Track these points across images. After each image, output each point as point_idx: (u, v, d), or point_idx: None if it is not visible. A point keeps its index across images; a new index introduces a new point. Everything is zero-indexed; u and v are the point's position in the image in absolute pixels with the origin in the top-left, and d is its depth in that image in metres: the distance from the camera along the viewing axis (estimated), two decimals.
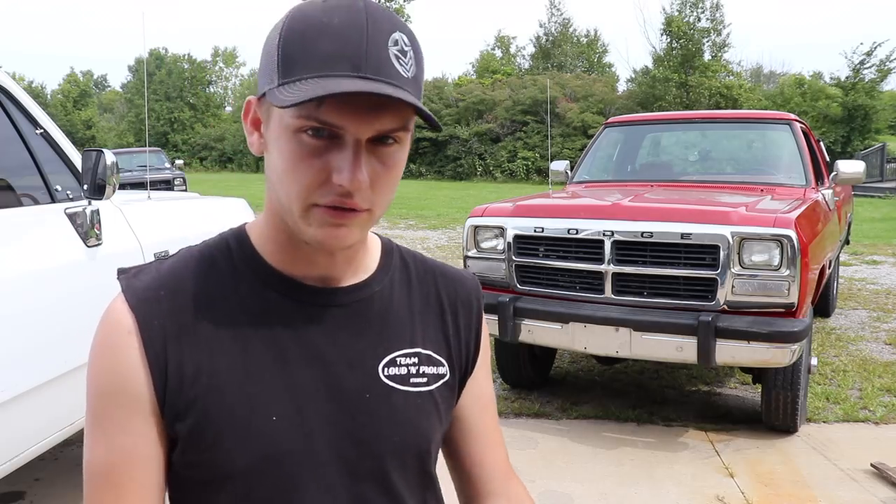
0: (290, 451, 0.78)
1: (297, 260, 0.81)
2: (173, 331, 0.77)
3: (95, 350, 0.79)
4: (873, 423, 4.04)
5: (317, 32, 0.70)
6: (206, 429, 0.76)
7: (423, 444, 0.85)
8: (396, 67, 0.71)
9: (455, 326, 0.92)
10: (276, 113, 0.73)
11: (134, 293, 0.79)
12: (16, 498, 3.15)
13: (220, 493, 0.78)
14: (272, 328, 0.80)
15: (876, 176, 22.10)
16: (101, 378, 0.77)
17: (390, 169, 0.75)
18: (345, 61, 0.69)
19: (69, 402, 2.38)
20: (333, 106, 0.69)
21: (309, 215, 0.74)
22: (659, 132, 6.25)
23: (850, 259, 9.61)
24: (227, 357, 0.77)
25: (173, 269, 0.81)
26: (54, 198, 2.48)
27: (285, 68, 0.71)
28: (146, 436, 0.77)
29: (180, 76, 55.48)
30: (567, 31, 44.59)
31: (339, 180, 0.71)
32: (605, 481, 3.31)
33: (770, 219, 3.54)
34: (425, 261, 0.94)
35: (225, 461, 0.76)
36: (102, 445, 0.77)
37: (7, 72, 2.50)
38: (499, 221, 4.10)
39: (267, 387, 0.78)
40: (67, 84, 62.57)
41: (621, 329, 3.61)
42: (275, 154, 0.75)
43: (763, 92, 34.47)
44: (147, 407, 0.76)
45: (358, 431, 0.81)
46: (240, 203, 3.92)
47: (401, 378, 0.84)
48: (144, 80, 33.19)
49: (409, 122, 0.74)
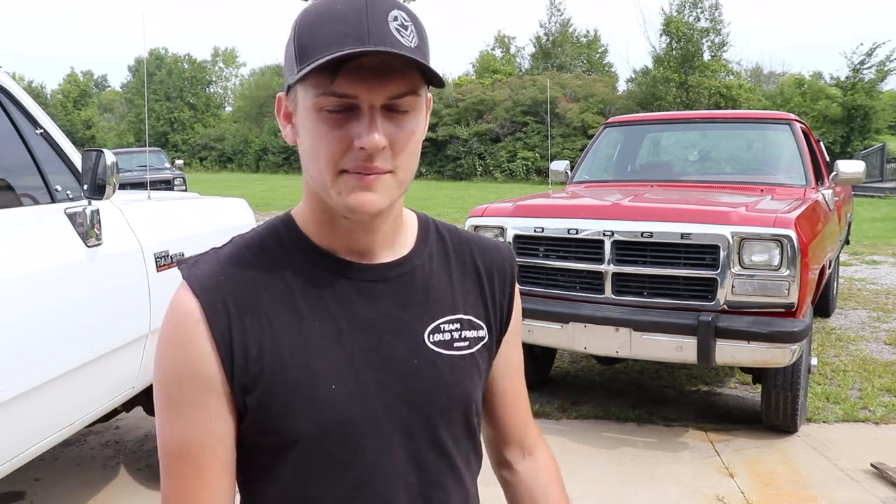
0: (349, 416, 0.85)
1: (339, 237, 0.88)
2: (235, 312, 0.83)
3: (167, 339, 0.84)
4: (873, 423, 4.04)
5: (323, 19, 0.78)
6: (272, 401, 0.83)
7: (467, 401, 0.93)
8: (398, 38, 0.77)
9: (492, 291, 0.99)
10: (300, 99, 0.82)
11: (197, 281, 0.84)
12: (16, 498, 3.15)
13: (286, 458, 0.85)
14: (324, 304, 0.86)
15: (876, 176, 22.09)
16: (175, 365, 0.83)
17: (408, 132, 0.82)
18: (350, 38, 0.76)
19: (69, 401, 2.38)
20: (345, 78, 0.77)
21: (339, 183, 0.81)
22: (659, 132, 6.25)
23: (850, 259, 9.61)
24: (286, 333, 0.84)
25: (229, 256, 0.87)
26: (54, 198, 2.48)
27: (301, 57, 0.79)
28: (220, 413, 0.83)
29: (180, 76, 55.47)
30: (567, 32, 44.56)
31: (360, 143, 0.78)
32: (605, 481, 3.31)
33: (770, 219, 3.54)
34: (459, 232, 1.02)
35: (291, 429, 0.83)
36: (179, 426, 0.83)
37: (7, 72, 2.49)
38: (499, 221, 4.10)
39: (325, 359, 0.85)
40: (67, 84, 62.59)
41: (621, 329, 3.61)
42: (304, 135, 0.83)
43: (763, 92, 34.44)
44: (219, 386, 0.82)
45: (409, 395, 0.88)
46: (240, 203, 3.92)
47: (445, 343, 0.92)
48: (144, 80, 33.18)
49: (418, 87, 0.81)
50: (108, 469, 3.47)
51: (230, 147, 46.77)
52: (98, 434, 3.89)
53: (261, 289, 0.85)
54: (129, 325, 2.66)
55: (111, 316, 2.55)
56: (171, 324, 0.84)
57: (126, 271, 2.66)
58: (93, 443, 3.79)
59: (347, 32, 0.76)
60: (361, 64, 0.76)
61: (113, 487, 3.28)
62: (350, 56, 0.75)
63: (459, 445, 0.94)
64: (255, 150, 44.23)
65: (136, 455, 3.62)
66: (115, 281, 2.59)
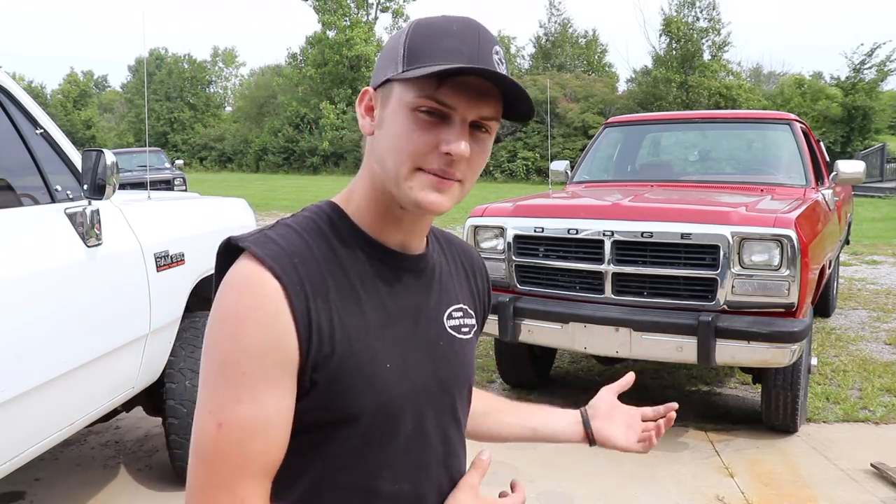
0: (399, 393, 0.92)
1: (389, 228, 0.95)
2: (311, 293, 0.87)
3: (244, 314, 0.84)
4: (873, 423, 4.04)
5: (440, 33, 0.87)
6: (339, 379, 0.87)
7: (472, 379, 1.07)
8: (498, 69, 0.87)
9: (477, 287, 1.12)
10: (396, 95, 0.88)
11: (275, 260, 0.86)
12: (16, 498, 3.15)
13: (338, 433, 0.90)
14: (377, 288, 0.93)
15: (876, 176, 22.09)
16: (254, 340, 0.83)
17: (482, 152, 0.91)
18: (461, 55, 0.85)
19: (69, 401, 2.38)
20: (449, 88, 0.85)
21: (413, 178, 0.88)
22: (659, 132, 6.25)
23: (850, 259, 9.61)
24: (350, 316, 0.89)
25: (291, 240, 0.90)
26: (54, 198, 2.48)
27: (410, 59, 0.86)
28: (290, 389, 0.86)
29: (180, 76, 55.45)
30: (567, 32, 44.54)
31: (447, 148, 0.86)
32: (605, 481, 3.31)
33: (770, 219, 3.53)
34: (442, 232, 1.13)
35: (352, 405, 0.88)
36: (252, 403, 0.83)
37: (7, 72, 2.49)
38: (499, 221, 4.10)
39: (381, 340, 0.91)
40: (67, 84, 62.55)
41: (621, 329, 3.61)
42: (389, 128, 0.89)
43: (763, 92, 34.46)
44: (294, 363, 0.85)
45: (438, 373, 0.97)
46: (240, 203, 3.92)
47: (456, 328, 1.02)
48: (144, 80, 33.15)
49: (500, 114, 0.90)
50: (108, 469, 3.47)
51: (230, 147, 46.76)
52: (98, 434, 3.89)
53: (326, 272, 0.89)
54: (129, 325, 2.66)
55: (111, 316, 2.55)
56: (249, 299, 0.84)
57: (126, 271, 2.66)
58: (93, 443, 3.79)
59: (461, 51, 0.85)
60: (467, 81, 0.85)
61: (113, 487, 3.28)
62: (469, 70, 0.83)
63: (464, 417, 1.06)
64: (255, 150, 44.24)
65: (136, 455, 3.62)
66: (115, 281, 2.59)
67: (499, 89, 0.87)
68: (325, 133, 40.16)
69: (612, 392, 1.30)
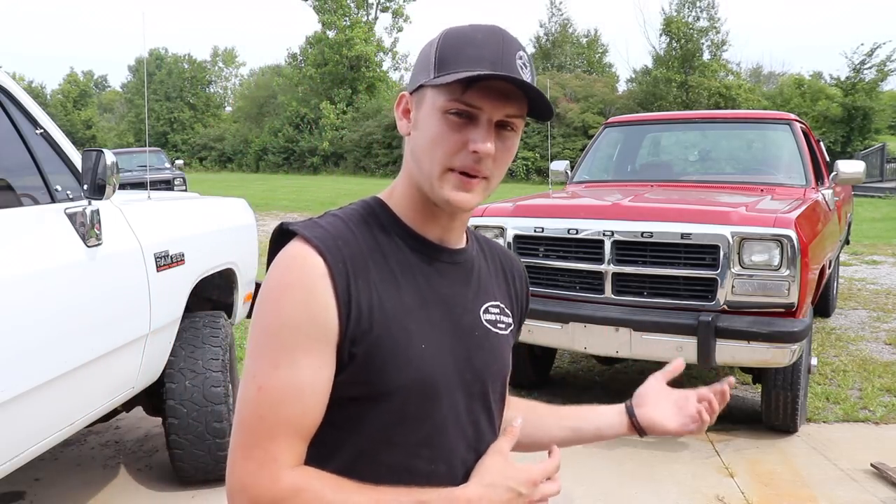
0: (432, 374, 0.97)
1: (427, 222, 1.03)
2: (353, 273, 0.94)
3: (287, 287, 0.92)
4: (873, 423, 4.04)
5: (466, 42, 0.96)
6: (376, 354, 0.94)
7: (506, 373, 1.12)
8: (521, 72, 0.95)
9: (515, 291, 1.18)
10: (428, 99, 0.97)
11: (321, 241, 0.94)
12: (16, 498, 3.15)
13: (375, 408, 0.95)
14: (413, 276, 1.00)
15: (876, 176, 22.08)
16: (294, 311, 0.91)
17: (507, 150, 0.98)
18: (486, 62, 0.93)
19: (69, 401, 2.38)
20: (476, 91, 0.93)
21: (444, 178, 0.96)
22: (659, 132, 6.25)
23: (850, 259, 9.61)
24: (389, 298, 0.96)
25: (337, 227, 0.98)
26: (54, 198, 2.48)
27: (440, 66, 0.95)
28: (329, 362, 0.93)
29: (180, 76, 55.44)
30: (567, 32, 44.55)
31: (475, 147, 0.94)
32: (605, 481, 3.31)
33: (770, 219, 3.53)
34: (484, 237, 1.20)
35: (388, 381, 0.94)
36: (288, 369, 0.91)
37: (7, 72, 2.49)
38: (499, 221, 4.10)
39: (417, 323, 0.97)
40: (67, 84, 62.55)
41: (621, 329, 3.61)
42: (423, 130, 0.97)
43: (763, 92, 34.44)
44: (333, 337, 0.92)
45: (472, 360, 1.03)
46: (240, 203, 3.92)
47: (492, 322, 1.08)
48: (144, 80, 33.15)
49: (524, 112, 0.98)
50: (108, 469, 3.47)
51: (230, 147, 46.74)
52: (98, 434, 3.89)
53: (368, 257, 0.97)
54: (129, 325, 2.66)
55: (111, 316, 2.55)
56: (293, 274, 0.93)
57: (126, 271, 2.66)
58: (93, 443, 3.79)
59: (485, 57, 0.94)
60: (490, 85, 0.93)
61: (113, 487, 3.28)
62: (489, 76, 0.91)
63: (497, 409, 1.10)
64: (254, 150, 44.21)
65: (136, 455, 3.62)
66: (115, 281, 2.59)
67: (521, 91, 0.94)
68: (325, 133, 40.13)
69: (659, 379, 1.29)
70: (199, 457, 3.04)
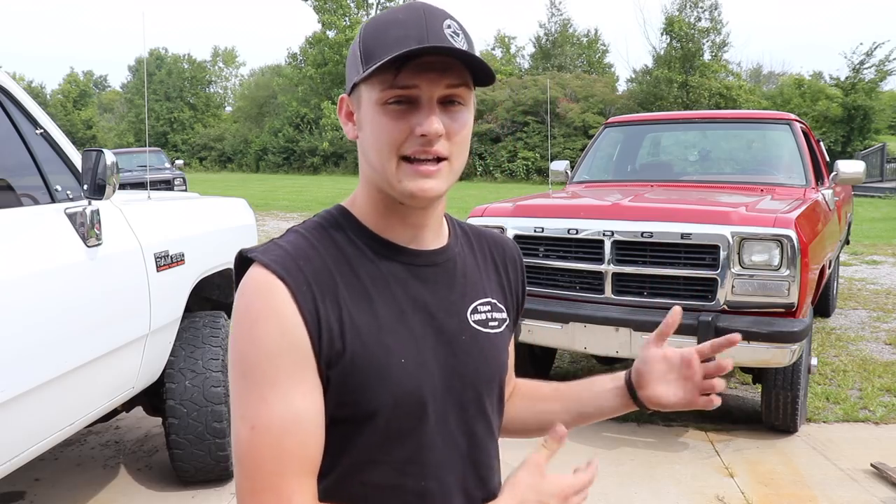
0: (417, 387, 0.92)
1: (396, 225, 0.96)
2: (318, 293, 0.89)
3: (256, 316, 0.87)
4: (873, 423, 4.04)
5: (386, 25, 0.90)
6: (353, 374, 0.89)
7: (502, 374, 1.05)
8: (452, 41, 0.88)
9: (507, 280, 1.10)
10: (365, 96, 0.91)
11: (278, 264, 0.89)
12: (16, 498, 3.15)
13: (362, 429, 0.91)
14: (387, 285, 0.94)
15: (876, 176, 22.07)
16: (269, 340, 0.86)
17: (460, 125, 0.91)
18: (411, 40, 0.86)
19: (69, 401, 2.38)
20: (408, 72, 0.87)
21: (400, 171, 0.90)
22: (659, 132, 6.25)
23: (850, 259, 9.61)
24: (361, 314, 0.90)
25: (297, 244, 0.93)
26: (54, 198, 2.48)
27: (367, 59, 0.89)
28: (316, 384, 0.88)
29: (180, 76, 55.47)
30: (567, 32, 44.55)
31: (420, 130, 0.88)
32: (605, 481, 3.31)
33: (770, 219, 3.53)
34: (472, 226, 1.13)
35: (369, 401, 0.89)
36: (279, 402, 0.85)
37: (7, 72, 2.49)
38: (499, 221, 4.10)
39: (395, 336, 0.92)
40: (67, 84, 62.56)
41: (621, 329, 3.61)
42: (367, 129, 0.92)
43: (763, 92, 34.45)
44: (312, 360, 0.87)
45: (460, 367, 0.97)
46: (240, 203, 3.92)
47: (482, 322, 1.01)
48: (144, 80, 33.16)
49: (469, 82, 0.91)
50: (108, 469, 3.47)
51: (230, 147, 46.77)
52: (98, 434, 3.89)
53: (333, 273, 0.91)
54: (129, 326, 2.66)
55: (111, 316, 2.55)
56: (258, 302, 0.87)
57: (126, 271, 2.66)
58: (93, 443, 3.79)
59: (409, 35, 0.87)
60: (422, 61, 0.86)
61: (113, 487, 3.28)
62: (414, 53, 0.85)
63: (495, 413, 1.04)
64: (254, 150, 44.24)
65: (136, 455, 3.62)
66: (115, 281, 2.59)
67: (458, 60, 0.88)
68: (326, 133, 40.15)
69: (655, 342, 1.11)
70: (199, 457, 3.05)
